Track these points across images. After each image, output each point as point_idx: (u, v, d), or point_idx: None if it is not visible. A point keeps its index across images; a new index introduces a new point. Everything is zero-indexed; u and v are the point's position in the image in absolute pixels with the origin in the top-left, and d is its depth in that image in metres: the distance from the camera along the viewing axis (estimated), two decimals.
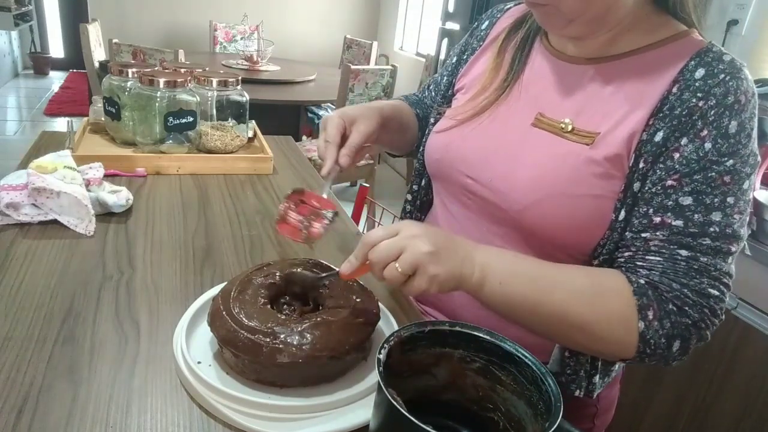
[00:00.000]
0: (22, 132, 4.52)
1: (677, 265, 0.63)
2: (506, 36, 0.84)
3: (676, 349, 0.63)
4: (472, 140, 0.80)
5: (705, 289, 0.62)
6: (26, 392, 0.58)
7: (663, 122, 0.65)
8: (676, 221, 0.63)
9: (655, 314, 0.62)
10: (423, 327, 0.57)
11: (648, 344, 0.62)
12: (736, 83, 0.63)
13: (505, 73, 0.81)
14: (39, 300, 0.74)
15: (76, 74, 6.32)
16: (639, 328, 0.62)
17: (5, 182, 0.98)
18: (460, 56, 0.92)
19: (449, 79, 0.92)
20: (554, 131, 0.72)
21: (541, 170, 0.71)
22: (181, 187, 1.19)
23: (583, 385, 0.75)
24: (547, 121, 0.73)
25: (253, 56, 3.51)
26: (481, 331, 0.57)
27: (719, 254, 0.62)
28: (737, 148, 0.62)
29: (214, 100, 1.33)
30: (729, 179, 0.62)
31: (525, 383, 0.54)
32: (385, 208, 1.54)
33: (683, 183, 0.63)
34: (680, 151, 0.64)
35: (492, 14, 0.91)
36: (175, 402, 0.60)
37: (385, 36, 5.24)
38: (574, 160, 0.69)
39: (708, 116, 0.63)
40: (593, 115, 0.70)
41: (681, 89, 0.64)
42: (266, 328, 0.61)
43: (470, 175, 0.79)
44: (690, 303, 0.62)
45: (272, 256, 0.93)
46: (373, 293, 0.71)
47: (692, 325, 0.62)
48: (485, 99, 0.81)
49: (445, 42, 3.41)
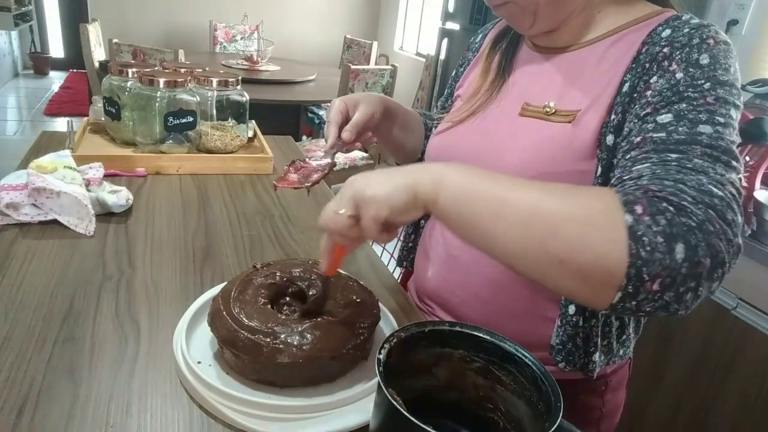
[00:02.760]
0: (22, 132, 4.52)
1: (668, 166, 0.53)
2: (493, 44, 0.89)
3: (680, 255, 0.46)
4: (465, 138, 0.83)
5: (705, 186, 0.50)
6: (26, 392, 0.58)
7: (631, 74, 0.66)
8: (657, 134, 0.57)
9: (644, 209, 0.48)
10: (423, 327, 0.57)
11: (641, 243, 0.46)
12: (701, 31, 0.63)
13: (493, 76, 0.85)
14: (39, 300, 0.74)
15: (76, 74, 6.31)
16: (627, 222, 0.47)
17: (5, 182, 0.98)
18: (458, 69, 0.98)
19: (449, 91, 0.98)
20: (539, 116, 0.75)
21: (528, 153, 0.73)
22: (181, 187, 1.19)
23: (573, 361, 0.74)
24: (532, 110, 0.76)
25: (253, 56, 3.51)
26: (481, 331, 0.57)
27: (718, 161, 0.53)
28: (713, 74, 0.58)
29: (214, 100, 1.33)
30: (713, 100, 0.57)
31: (525, 383, 0.54)
32: None
33: (658, 107, 0.60)
34: (651, 87, 0.63)
35: (485, 27, 0.98)
36: (175, 402, 0.60)
37: (385, 36, 5.24)
38: (559, 140, 0.71)
39: (674, 55, 0.62)
40: (573, 96, 0.72)
41: (648, 46, 0.66)
42: (266, 328, 0.61)
43: None
44: (689, 200, 0.49)
45: (272, 256, 0.93)
46: (373, 293, 0.71)
47: (697, 227, 0.47)
48: (477, 101, 0.85)
49: (445, 42, 3.41)
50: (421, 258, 0.93)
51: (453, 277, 0.83)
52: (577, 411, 0.80)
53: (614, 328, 0.76)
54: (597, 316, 0.73)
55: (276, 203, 1.16)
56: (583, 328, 0.73)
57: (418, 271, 0.94)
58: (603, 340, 0.75)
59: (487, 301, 0.80)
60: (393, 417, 0.47)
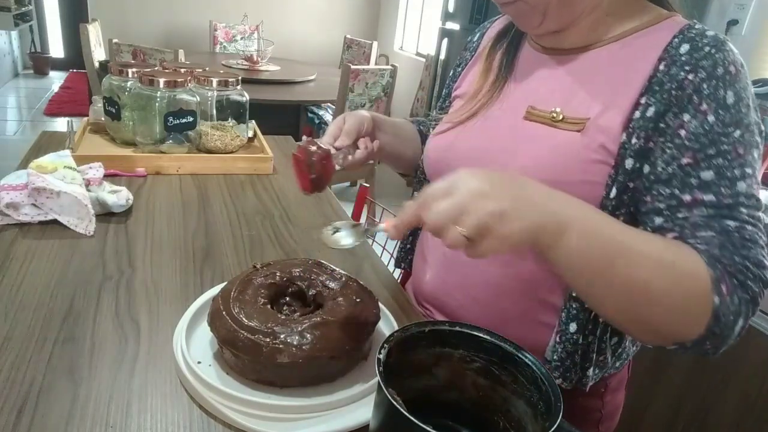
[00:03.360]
0: (22, 132, 4.52)
1: (732, 237, 0.60)
2: (493, 42, 0.87)
3: (737, 329, 0.59)
4: (468, 139, 0.81)
5: (761, 260, 0.59)
6: (26, 392, 0.58)
7: (654, 98, 0.65)
8: (707, 196, 0.62)
9: (727, 289, 0.58)
10: (423, 327, 0.57)
11: (719, 322, 0.57)
12: (722, 55, 0.63)
13: (494, 76, 0.83)
14: (39, 300, 0.74)
15: (76, 74, 6.31)
16: (714, 303, 0.57)
17: (5, 182, 0.98)
18: (455, 69, 0.95)
19: (446, 91, 0.96)
20: (546, 122, 0.73)
21: (535, 160, 0.71)
22: (181, 187, 1.19)
23: (571, 377, 0.74)
24: (537, 113, 0.74)
25: (253, 56, 3.51)
26: (481, 331, 0.57)
27: (758, 222, 0.61)
28: (739, 118, 0.62)
29: (214, 100, 1.33)
30: (742, 150, 0.62)
31: (525, 383, 0.54)
32: (385, 208, 1.54)
33: (698, 159, 0.62)
34: (685, 128, 0.63)
35: (483, 26, 0.95)
36: (175, 402, 0.60)
37: (385, 36, 5.24)
38: (567, 148, 0.69)
39: (702, 90, 0.63)
40: (581, 102, 0.71)
41: (668, 65, 0.65)
42: (266, 328, 0.61)
43: None
44: (751, 277, 0.59)
45: (272, 256, 0.93)
46: (373, 293, 0.71)
47: (751, 300, 0.59)
48: (478, 102, 0.83)
49: (445, 42, 3.41)
50: (419, 260, 0.92)
51: (451, 280, 0.83)
52: (577, 413, 0.80)
53: (611, 343, 0.76)
54: (596, 333, 0.74)
55: (276, 203, 1.16)
56: (582, 345, 0.73)
57: (416, 274, 0.93)
58: (599, 356, 0.76)
59: (485, 304, 0.79)
60: (393, 417, 0.47)
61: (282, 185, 1.26)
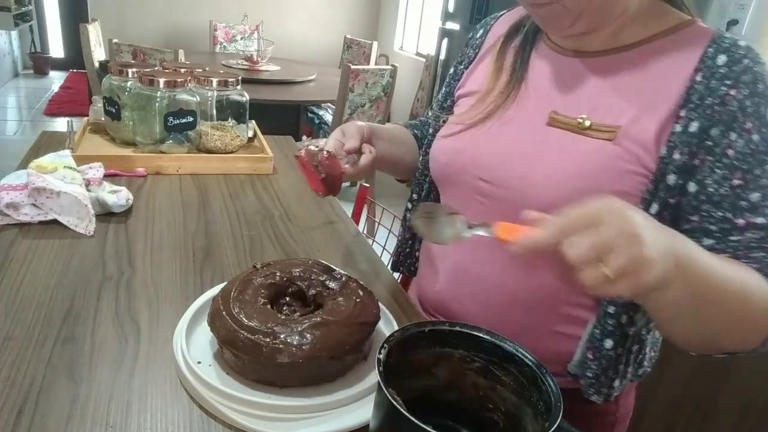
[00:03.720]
0: (22, 132, 4.52)
1: None
2: (504, 40, 0.83)
3: None
4: (484, 143, 0.77)
5: None
6: (26, 392, 0.58)
7: (695, 112, 0.63)
8: (758, 219, 0.62)
9: None
10: (423, 327, 0.57)
11: None
12: (760, 69, 0.63)
13: (507, 76, 0.80)
14: (39, 300, 0.74)
15: (76, 74, 6.31)
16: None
17: (5, 182, 0.98)
18: (456, 67, 0.92)
19: (447, 90, 0.92)
20: (571, 129, 0.70)
21: (563, 168, 0.69)
22: (181, 187, 1.19)
23: (603, 391, 0.73)
24: (562, 119, 0.71)
25: (253, 56, 3.51)
26: (481, 331, 0.57)
27: None
28: None
29: (214, 100, 1.33)
30: None
31: (525, 383, 0.54)
32: (385, 208, 1.54)
33: (747, 180, 0.62)
34: (733, 147, 0.63)
35: (485, 23, 0.91)
36: (175, 402, 0.60)
37: (385, 36, 5.24)
38: (597, 156, 0.67)
39: (746, 107, 0.62)
40: (610, 109, 0.68)
41: (706, 77, 0.63)
42: (266, 328, 0.61)
43: (484, 178, 0.76)
44: None
45: (272, 256, 0.93)
46: (373, 293, 0.71)
47: None
48: (491, 103, 0.79)
49: (445, 42, 3.41)
50: (426, 268, 0.90)
51: (463, 290, 0.80)
52: (591, 418, 0.80)
53: (634, 352, 0.75)
54: (625, 345, 0.72)
55: (276, 203, 1.16)
56: (616, 360, 0.72)
57: (423, 282, 0.90)
58: (626, 367, 0.75)
59: (498, 314, 0.77)
60: (393, 417, 0.47)
61: (282, 185, 1.26)
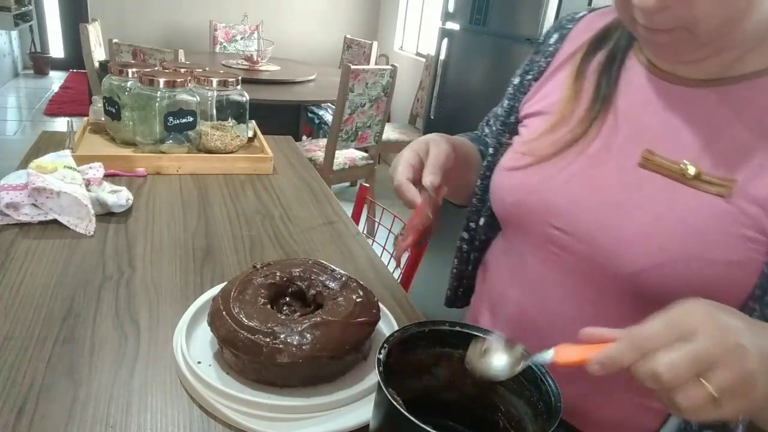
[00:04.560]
0: (22, 132, 4.52)
1: None
2: (586, 53, 0.69)
3: None
4: (558, 183, 0.65)
5: None
6: (26, 392, 0.58)
7: None
8: None
9: None
10: (423, 327, 0.57)
11: None
12: None
13: (589, 102, 0.66)
14: (39, 300, 0.74)
15: (76, 74, 6.31)
16: None
17: (5, 182, 0.98)
18: (523, 78, 0.77)
19: (510, 104, 0.78)
20: (671, 175, 0.58)
21: (662, 226, 0.57)
22: (181, 187, 1.19)
23: None
24: (659, 162, 0.59)
25: (253, 56, 3.51)
26: (481, 331, 0.57)
27: None
28: None
29: (214, 100, 1.33)
30: None
31: (525, 383, 0.54)
32: (385, 208, 1.54)
33: None
34: None
35: (561, 25, 0.76)
36: (175, 402, 0.60)
37: (385, 36, 5.24)
38: (706, 215, 0.55)
39: None
40: (724, 156, 0.56)
41: None
42: (266, 328, 0.61)
43: (558, 226, 0.65)
44: None
45: (272, 256, 0.94)
46: (373, 293, 0.71)
47: None
48: (568, 132, 0.66)
49: (445, 42, 3.41)
50: (482, 311, 0.80)
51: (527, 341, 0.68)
52: None
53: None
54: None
55: (276, 203, 1.16)
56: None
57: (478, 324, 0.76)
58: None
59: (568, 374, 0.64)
60: (393, 417, 0.47)
61: (282, 185, 1.26)
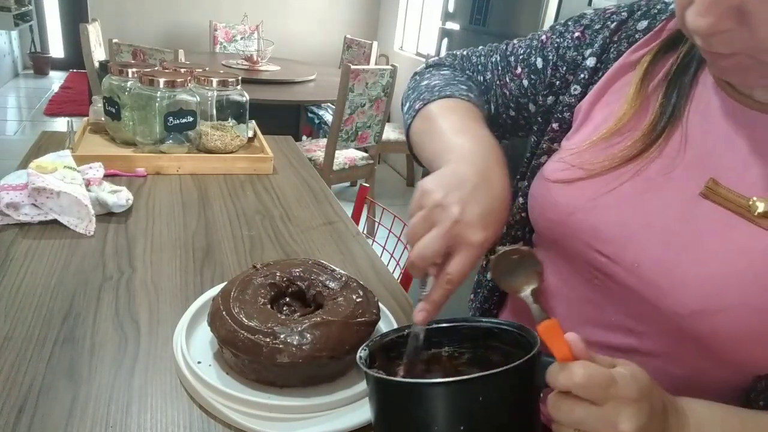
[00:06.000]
0: (22, 132, 4.52)
1: None
2: (649, 64, 0.61)
3: None
4: (607, 205, 0.58)
5: None
6: (26, 392, 0.58)
7: None
8: None
9: None
10: (401, 331, 0.58)
11: None
12: None
13: (655, 115, 0.59)
14: (39, 300, 0.74)
15: (76, 74, 6.31)
16: None
17: (5, 182, 0.98)
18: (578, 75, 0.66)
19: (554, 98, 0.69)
20: (737, 210, 0.51)
21: (721, 267, 0.50)
22: (181, 187, 1.19)
23: None
24: (725, 194, 0.52)
25: (253, 56, 3.51)
26: (457, 321, 0.58)
27: None
28: None
29: (214, 100, 1.33)
30: None
31: (511, 350, 0.54)
32: (385, 208, 1.54)
33: None
34: None
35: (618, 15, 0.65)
36: (175, 402, 0.60)
37: (385, 36, 5.24)
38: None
39: None
40: None
41: None
42: (266, 328, 0.61)
43: (604, 252, 0.58)
44: None
45: (272, 256, 0.94)
46: (373, 293, 0.71)
47: None
48: (625, 148, 0.59)
49: (445, 42, 3.41)
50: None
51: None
52: None
53: None
54: None
55: (276, 203, 1.16)
56: None
57: None
58: None
59: None
60: (384, 391, 0.48)
61: (282, 185, 1.26)
